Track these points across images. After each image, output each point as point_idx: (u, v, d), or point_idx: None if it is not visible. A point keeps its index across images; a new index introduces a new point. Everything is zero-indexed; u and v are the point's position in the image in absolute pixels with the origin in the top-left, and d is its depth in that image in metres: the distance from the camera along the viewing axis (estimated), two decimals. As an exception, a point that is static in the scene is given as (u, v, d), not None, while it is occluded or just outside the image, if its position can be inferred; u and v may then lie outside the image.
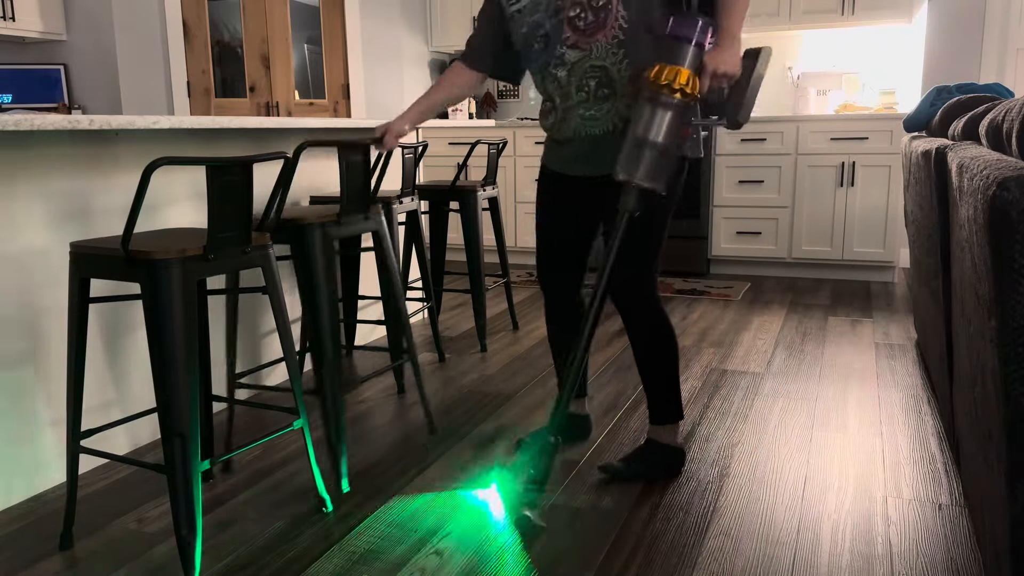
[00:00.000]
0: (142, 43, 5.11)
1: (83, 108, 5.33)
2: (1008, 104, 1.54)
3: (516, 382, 2.90)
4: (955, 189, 1.66)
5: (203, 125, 2.18)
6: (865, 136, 4.49)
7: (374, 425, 2.50)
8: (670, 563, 1.69)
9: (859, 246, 4.61)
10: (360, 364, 3.15)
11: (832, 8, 4.69)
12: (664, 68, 1.64)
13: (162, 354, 1.58)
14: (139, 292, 1.61)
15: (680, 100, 1.65)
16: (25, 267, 2.01)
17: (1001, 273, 1.13)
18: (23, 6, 4.91)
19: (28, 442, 2.03)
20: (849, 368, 2.98)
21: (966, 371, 1.64)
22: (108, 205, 2.21)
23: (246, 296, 2.74)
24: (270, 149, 2.81)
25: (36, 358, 2.04)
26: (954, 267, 1.79)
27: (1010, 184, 1.11)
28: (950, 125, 2.40)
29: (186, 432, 1.59)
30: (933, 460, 2.17)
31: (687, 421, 2.49)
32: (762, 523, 1.85)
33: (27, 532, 1.86)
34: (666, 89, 1.63)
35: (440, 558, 1.72)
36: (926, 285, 2.53)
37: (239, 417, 2.59)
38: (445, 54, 5.95)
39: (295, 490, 2.06)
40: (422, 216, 3.78)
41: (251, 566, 1.71)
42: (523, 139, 5.27)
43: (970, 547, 1.72)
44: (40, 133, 2.00)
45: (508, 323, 3.77)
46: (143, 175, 1.50)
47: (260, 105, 5.30)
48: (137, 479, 2.14)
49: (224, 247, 1.67)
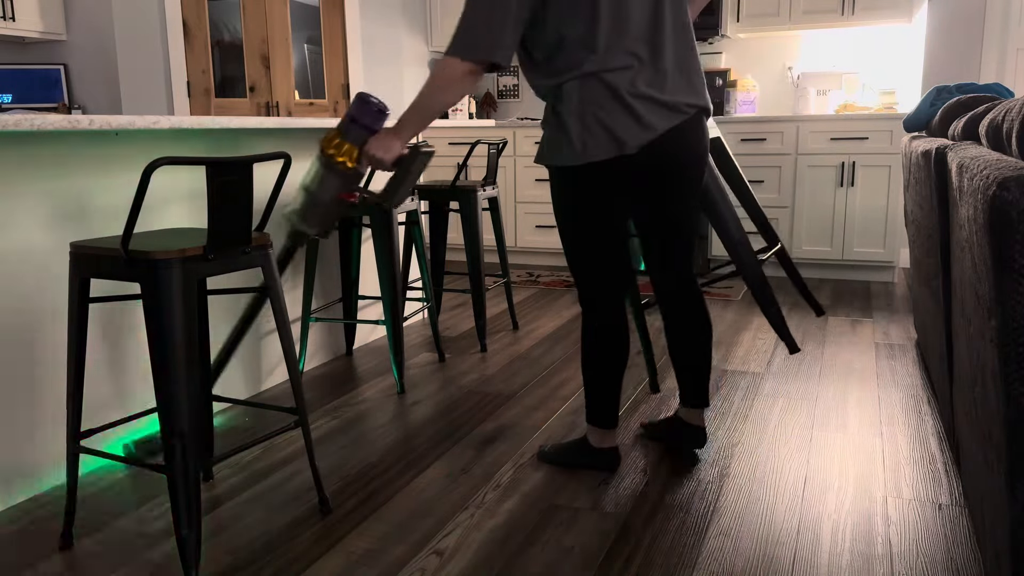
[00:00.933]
0: (142, 43, 5.11)
1: (83, 108, 5.33)
2: (1008, 104, 1.54)
3: (516, 382, 2.90)
4: (955, 189, 1.66)
5: (203, 125, 2.18)
6: (865, 136, 4.49)
7: (374, 425, 2.50)
8: (670, 563, 1.69)
9: (859, 246, 4.61)
10: (360, 364, 3.15)
11: (832, 8, 4.69)
12: (335, 138, 1.86)
13: (162, 354, 1.58)
14: (139, 292, 1.61)
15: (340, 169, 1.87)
16: (25, 267, 2.01)
17: (1001, 273, 1.13)
18: (23, 6, 4.91)
19: (28, 442, 2.03)
20: (849, 368, 2.98)
21: (966, 371, 1.64)
22: (108, 205, 2.21)
23: (246, 296, 2.74)
24: (270, 149, 2.81)
25: (36, 358, 2.04)
26: (954, 267, 1.79)
27: (1010, 184, 1.11)
28: (950, 125, 2.40)
29: (186, 432, 1.59)
30: (933, 460, 2.17)
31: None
32: (762, 523, 1.85)
33: (27, 532, 1.86)
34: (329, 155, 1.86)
35: (440, 558, 1.72)
36: (926, 285, 2.53)
37: (240, 417, 2.59)
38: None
39: (295, 490, 2.06)
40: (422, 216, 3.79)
41: (251, 566, 1.71)
42: (523, 139, 5.27)
43: (970, 547, 1.72)
44: (40, 133, 2.00)
45: (508, 323, 3.77)
46: (143, 175, 1.50)
47: (260, 105, 5.30)
48: (137, 479, 2.14)
49: (224, 247, 1.67)
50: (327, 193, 1.89)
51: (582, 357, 2.10)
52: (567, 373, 2.99)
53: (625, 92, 1.81)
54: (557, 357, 3.20)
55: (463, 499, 2.00)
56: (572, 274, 2.05)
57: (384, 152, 1.90)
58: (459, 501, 1.99)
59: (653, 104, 1.83)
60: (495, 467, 2.18)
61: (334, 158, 1.86)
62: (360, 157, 1.89)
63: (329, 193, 1.89)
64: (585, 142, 1.83)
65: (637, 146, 1.83)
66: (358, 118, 1.87)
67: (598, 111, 1.82)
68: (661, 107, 1.84)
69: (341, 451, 2.31)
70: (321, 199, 1.90)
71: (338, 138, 1.88)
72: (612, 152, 1.82)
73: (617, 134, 1.81)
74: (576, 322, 3.76)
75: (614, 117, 1.81)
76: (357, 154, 1.88)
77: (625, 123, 1.82)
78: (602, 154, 1.83)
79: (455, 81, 1.82)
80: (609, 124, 1.81)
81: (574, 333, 3.56)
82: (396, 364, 2.79)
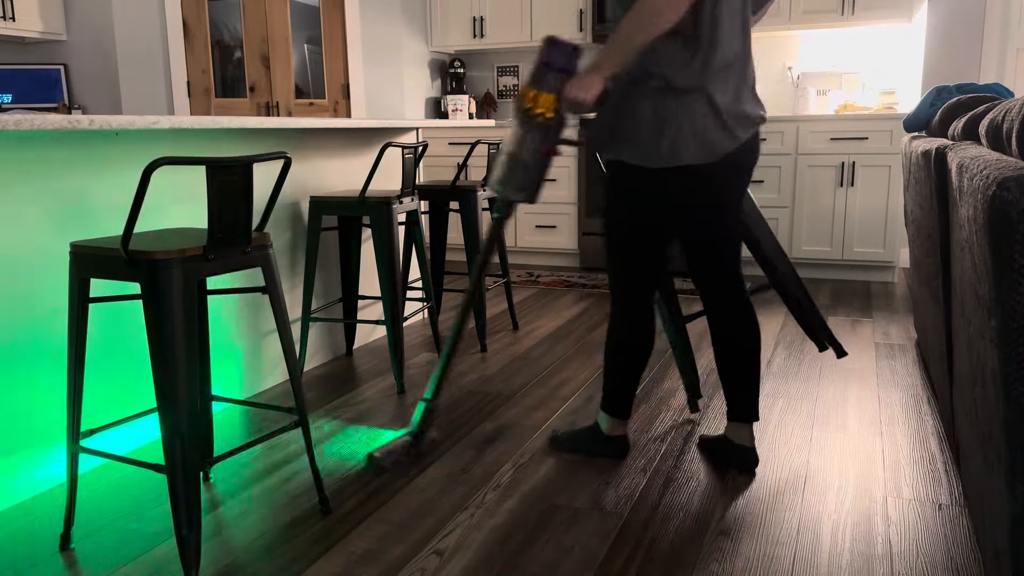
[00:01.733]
0: (142, 43, 5.11)
1: (83, 108, 5.33)
2: (1008, 104, 1.54)
3: (516, 382, 2.90)
4: (955, 189, 1.66)
5: (203, 125, 2.18)
6: (865, 136, 4.49)
7: (374, 425, 2.50)
8: (670, 563, 1.69)
9: (859, 246, 4.61)
10: (360, 364, 3.15)
11: (832, 8, 4.69)
12: (530, 92, 1.77)
13: (162, 354, 1.58)
14: (139, 292, 1.61)
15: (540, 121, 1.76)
16: (25, 267, 2.01)
17: (1001, 273, 1.13)
18: (23, 6, 4.91)
19: (28, 442, 2.03)
20: (849, 368, 2.98)
21: (966, 371, 1.64)
22: (108, 205, 2.22)
23: (246, 296, 2.74)
24: (270, 149, 2.81)
25: (36, 358, 2.04)
26: (954, 267, 1.79)
27: (1010, 184, 1.11)
28: (950, 125, 2.40)
29: (186, 432, 1.59)
30: (933, 460, 2.17)
31: (687, 421, 2.49)
32: (762, 523, 1.85)
33: (27, 532, 1.86)
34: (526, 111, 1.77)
35: (440, 558, 1.72)
36: (926, 285, 2.53)
37: (239, 417, 2.59)
38: (445, 54, 5.95)
39: (295, 490, 2.06)
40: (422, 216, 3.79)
41: (251, 566, 1.71)
42: (523, 139, 5.26)
43: (970, 547, 1.72)
44: (40, 133, 2.00)
45: (508, 323, 3.77)
46: (143, 175, 1.50)
47: (260, 105, 5.30)
48: (137, 479, 2.14)
49: (224, 247, 1.68)
50: (529, 152, 1.80)
51: (607, 348, 2.14)
52: (567, 373, 2.99)
53: (724, 111, 1.84)
54: (557, 357, 3.20)
55: (463, 499, 2.00)
56: (611, 269, 2.06)
57: (585, 92, 1.77)
58: (459, 501, 1.99)
59: (741, 118, 1.88)
60: (495, 467, 2.18)
61: (532, 111, 1.77)
62: (560, 104, 1.78)
63: (532, 152, 1.80)
64: (676, 146, 1.83)
65: (723, 154, 1.86)
66: (552, 62, 1.76)
67: (696, 121, 1.83)
68: (744, 119, 1.90)
69: (341, 451, 2.31)
70: (524, 160, 1.81)
71: (533, 91, 1.78)
72: (701, 159, 1.85)
73: (709, 140, 1.84)
74: (576, 322, 3.76)
75: (708, 128, 1.84)
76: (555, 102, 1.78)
77: (716, 131, 1.85)
78: (690, 159, 1.84)
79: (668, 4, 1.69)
80: (703, 133, 1.84)
81: (574, 333, 3.56)
82: (396, 364, 2.79)
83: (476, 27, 5.56)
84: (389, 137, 3.56)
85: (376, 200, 2.75)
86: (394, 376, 2.94)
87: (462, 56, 6.02)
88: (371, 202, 2.75)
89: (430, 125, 3.42)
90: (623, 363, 2.11)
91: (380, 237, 2.75)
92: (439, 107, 5.91)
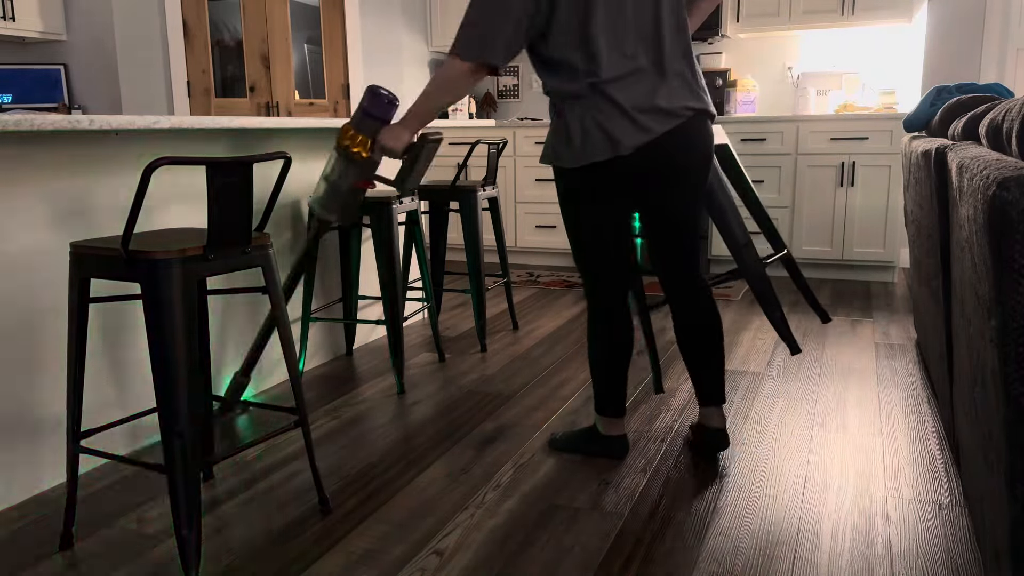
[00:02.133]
0: (142, 43, 5.11)
1: (83, 108, 5.33)
2: (1008, 104, 1.54)
3: (516, 382, 2.90)
4: (955, 189, 1.66)
5: (203, 125, 2.18)
6: (865, 136, 4.49)
7: (374, 425, 2.50)
8: (670, 563, 1.69)
9: (859, 246, 4.61)
10: (360, 364, 3.15)
11: (832, 8, 4.69)
12: (349, 131, 1.99)
13: (162, 354, 1.58)
14: (139, 292, 1.61)
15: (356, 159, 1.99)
16: (25, 267, 2.01)
17: (1001, 273, 1.13)
18: (23, 6, 4.91)
19: (28, 442, 2.03)
20: (849, 368, 2.98)
21: (966, 371, 1.64)
22: (108, 205, 2.21)
23: (243, 296, 2.74)
24: (270, 149, 2.81)
25: (36, 358, 2.04)
26: (954, 267, 1.79)
27: (1010, 184, 1.11)
28: (950, 125, 2.40)
29: (186, 432, 1.59)
30: (933, 460, 2.17)
31: (687, 421, 2.49)
32: (762, 523, 1.85)
33: (27, 532, 1.86)
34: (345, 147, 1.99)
35: (440, 558, 1.72)
36: (926, 285, 2.53)
37: (239, 417, 2.59)
38: (445, 54, 5.95)
39: (295, 490, 2.06)
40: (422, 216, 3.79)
41: (251, 566, 1.71)
42: (523, 139, 5.27)
43: (970, 547, 1.72)
44: (40, 133, 2.00)
45: (508, 323, 3.77)
46: (143, 175, 1.50)
47: (260, 105, 5.30)
48: (137, 479, 2.14)
49: (224, 247, 1.67)
50: (345, 182, 2.03)
51: (588, 350, 2.18)
52: (567, 373, 2.99)
53: (628, 105, 1.89)
54: (557, 357, 3.20)
55: (463, 499, 2.00)
56: (580, 272, 2.14)
57: (395, 141, 2.01)
58: (459, 501, 1.99)
59: (653, 112, 1.90)
60: (495, 467, 2.18)
61: (350, 148, 1.99)
62: (373, 147, 2.01)
63: (347, 181, 2.03)
64: (584, 144, 1.91)
65: (632, 147, 1.89)
66: (370, 110, 1.98)
67: (597, 115, 1.90)
68: (659, 113, 1.91)
69: (341, 451, 2.31)
70: (340, 187, 2.03)
71: (352, 130, 2.00)
72: (608, 153, 1.90)
73: (614, 136, 1.89)
74: (576, 322, 3.76)
75: (613, 122, 1.89)
76: (371, 144, 2.00)
77: (622, 126, 1.89)
78: (599, 155, 1.91)
79: (456, 80, 1.92)
80: (607, 127, 1.89)
81: (574, 333, 3.56)
82: (396, 364, 2.79)
83: (476, 27, 5.55)
84: (389, 137, 3.56)
85: (376, 200, 2.75)
86: (394, 376, 2.94)
87: (462, 56, 6.01)
88: (371, 202, 2.75)
89: (430, 125, 3.42)
90: (605, 363, 2.15)
91: (380, 237, 2.75)
92: (439, 107, 5.91)
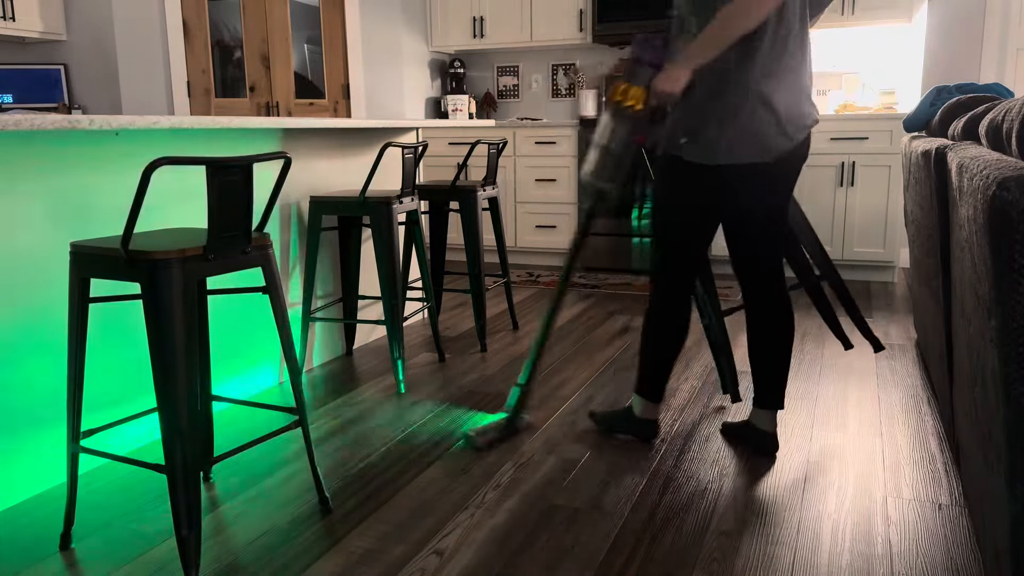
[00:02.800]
0: (142, 43, 5.11)
1: (83, 108, 5.33)
2: (1008, 104, 1.54)
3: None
4: (955, 189, 1.66)
5: (203, 125, 2.18)
6: (865, 136, 4.49)
7: (374, 425, 2.50)
8: (670, 563, 1.69)
9: (859, 246, 4.61)
10: (360, 364, 3.15)
11: (832, 8, 4.68)
12: (620, 86, 1.88)
13: (162, 354, 1.58)
14: (139, 292, 1.61)
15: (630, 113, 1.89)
16: (25, 267, 2.01)
17: (1001, 273, 1.13)
18: (23, 6, 4.91)
19: (28, 442, 2.03)
20: (849, 368, 2.98)
21: (966, 371, 1.64)
22: (108, 205, 2.22)
23: (246, 296, 2.74)
24: (270, 149, 2.81)
25: (36, 358, 2.04)
26: (954, 267, 1.79)
27: (1010, 184, 1.11)
28: (950, 125, 2.40)
29: (186, 432, 1.59)
30: (933, 460, 2.17)
31: (687, 421, 2.49)
32: (762, 523, 1.85)
33: (27, 532, 1.86)
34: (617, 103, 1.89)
35: (440, 558, 1.72)
36: (926, 285, 2.53)
37: (239, 417, 2.59)
38: (445, 54, 5.95)
39: (295, 490, 2.06)
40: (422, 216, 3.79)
41: (251, 566, 1.71)
42: (523, 139, 5.26)
43: (970, 547, 1.72)
44: (40, 133, 2.00)
45: (508, 323, 3.77)
46: (143, 175, 1.50)
47: (260, 105, 5.30)
48: (137, 479, 2.14)
49: (224, 247, 1.67)
50: (620, 142, 1.95)
51: (643, 333, 2.24)
52: (567, 373, 2.99)
53: (782, 113, 1.94)
54: (557, 357, 3.20)
55: (463, 499, 2.00)
56: (656, 255, 2.17)
57: (673, 84, 1.90)
58: (459, 501, 1.99)
59: (796, 120, 1.97)
60: (495, 467, 2.18)
61: (622, 104, 1.91)
62: (650, 96, 1.91)
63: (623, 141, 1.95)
64: (733, 145, 1.95)
65: (775, 156, 1.97)
66: (643, 57, 1.90)
67: (754, 123, 1.94)
68: (800, 121, 1.99)
69: (341, 451, 2.31)
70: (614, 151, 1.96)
71: (624, 84, 1.92)
72: (755, 158, 1.96)
73: (766, 142, 1.94)
74: (576, 322, 3.76)
75: (765, 130, 1.94)
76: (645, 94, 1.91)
77: (775, 136, 1.95)
78: (746, 158, 1.96)
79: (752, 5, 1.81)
80: (760, 134, 1.94)
81: (574, 333, 3.57)
82: (396, 364, 2.79)
83: (476, 27, 5.56)
84: (389, 137, 3.56)
85: (376, 200, 2.75)
86: (394, 376, 2.94)
87: (462, 56, 6.02)
88: (371, 202, 2.75)
89: (430, 125, 3.42)
90: (657, 348, 2.21)
91: (380, 237, 2.75)
92: (439, 107, 5.92)
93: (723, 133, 1.94)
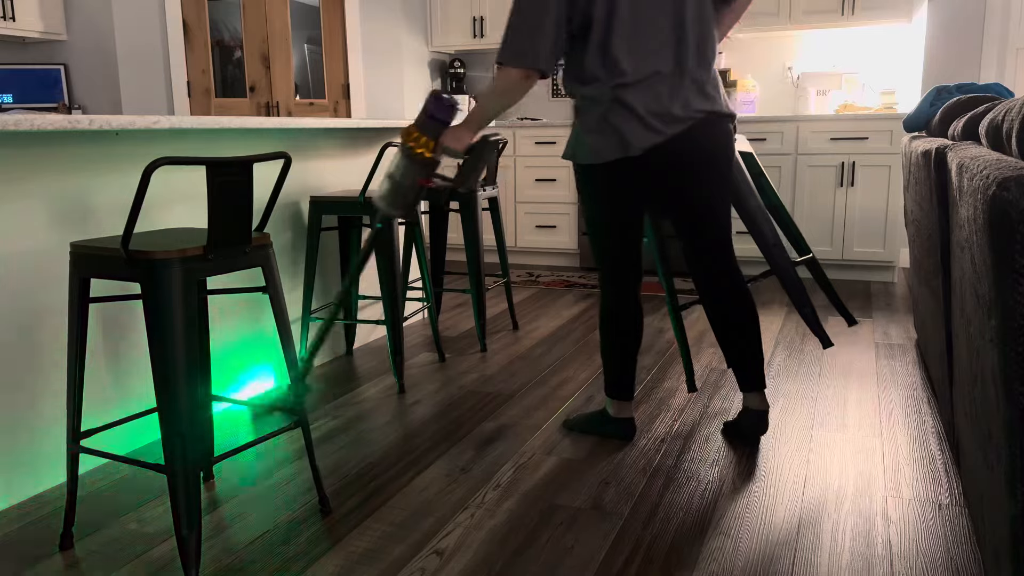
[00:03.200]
0: (142, 43, 5.11)
1: (83, 108, 5.33)
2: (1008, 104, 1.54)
3: (516, 382, 2.90)
4: (955, 189, 1.66)
5: (203, 125, 2.18)
6: (865, 136, 4.49)
7: (374, 425, 2.50)
8: (670, 563, 1.69)
9: (859, 246, 4.61)
10: (360, 364, 3.15)
11: (832, 8, 4.69)
12: (413, 132, 2.09)
13: (162, 354, 1.58)
14: (139, 292, 1.61)
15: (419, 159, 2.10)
16: (25, 267, 2.01)
17: (1001, 273, 1.13)
18: (23, 6, 4.91)
19: (28, 442, 2.03)
20: (849, 368, 2.98)
21: (966, 371, 1.64)
22: (108, 205, 2.22)
23: (246, 296, 2.74)
24: (270, 149, 2.81)
25: (36, 358, 2.04)
26: (954, 267, 1.79)
27: (1010, 184, 1.11)
28: (950, 125, 2.40)
29: (186, 432, 1.59)
30: (933, 460, 2.17)
31: (687, 421, 2.49)
32: (762, 523, 1.85)
33: (27, 532, 1.86)
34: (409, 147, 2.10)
35: (440, 558, 1.72)
36: (926, 285, 2.53)
37: (239, 417, 2.59)
38: (445, 54, 5.95)
39: (295, 490, 2.06)
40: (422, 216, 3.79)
41: (251, 566, 1.71)
42: (523, 139, 5.27)
43: (970, 547, 1.72)
44: (40, 133, 2.00)
45: (508, 323, 3.77)
46: (143, 175, 1.50)
47: (260, 105, 5.30)
48: (137, 479, 2.14)
49: (224, 247, 1.68)
50: (408, 179, 2.13)
51: (600, 335, 2.31)
52: (567, 373, 2.99)
53: (643, 110, 2.01)
54: (557, 357, 3.20)
55: (463, 499, 2.00)
56: (595, 261, 2.27)
57: (456, 143, 2.12)
58: (459, 501, 1.99)
59: (665, 116, 2.02)
60: (495, 467, 2.18)
61: (413, 149, 2.09)
62: (436, 148, 2.12)
63: (410, 179, 2.13)
64: (599, 144, 2.06)
65: (642, 148, 2.02)
66: (434, 113, 2.09)
67: (613, 118, 2.03)
68: (671, 117, 2.03)
69: (341, 451, 2.31)
70: (403, 185, 2.13)
71: (416, 132, 2.10)
72: (618, 153, 2.03)
73: (625, 137, 2.02)
74: (576, 322, 3.77)
75: (627, 124, 2.02)
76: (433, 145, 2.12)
77: (634, 128, 2.02)
78: (610, 155, 2.04)
79: (510, 89, 2.06)
80: (621, 128, 2.03)
81: (574, 333, 3.57)
82: (396, 364, 2.79)
83: (476, 27, 5.56)
84: (389, 137, 3.56)
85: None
86: (394, 376, 2.94)
87: (462, 56, 6.02)
88: (371, 202, 2.75)
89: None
90: (615, 348, 2.28)
91: (380, 237, 2.75)
92: (439, 107, 5.91)
93: (587, 135, 2.07)
